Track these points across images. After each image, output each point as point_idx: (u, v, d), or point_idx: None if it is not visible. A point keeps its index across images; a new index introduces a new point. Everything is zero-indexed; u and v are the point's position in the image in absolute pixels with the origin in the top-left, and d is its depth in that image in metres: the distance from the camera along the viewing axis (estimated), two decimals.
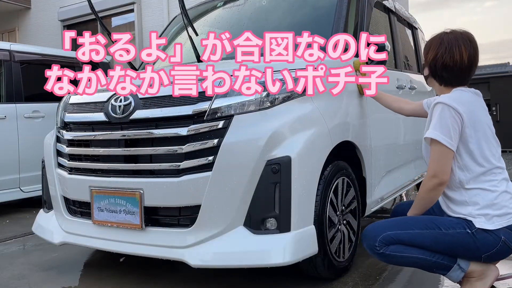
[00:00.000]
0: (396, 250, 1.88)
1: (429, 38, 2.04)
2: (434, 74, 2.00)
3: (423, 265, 1.93)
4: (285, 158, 2.03)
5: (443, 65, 1.94)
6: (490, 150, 1.89)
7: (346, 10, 2.81)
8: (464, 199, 1.88)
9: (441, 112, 1.85)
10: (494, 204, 1.84)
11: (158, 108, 2.22)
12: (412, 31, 4.36)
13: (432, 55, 1.97)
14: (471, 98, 1.93)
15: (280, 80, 2.16)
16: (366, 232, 1.96)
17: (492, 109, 10.15)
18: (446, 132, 1.83)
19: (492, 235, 1.82)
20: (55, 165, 2.68)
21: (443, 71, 1.96)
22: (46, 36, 8.97)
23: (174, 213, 2.19)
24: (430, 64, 1.99)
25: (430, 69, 2.01)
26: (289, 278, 2.43)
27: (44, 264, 2.91)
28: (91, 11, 2.99)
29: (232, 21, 3.32)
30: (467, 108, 1.86)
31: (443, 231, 1.86)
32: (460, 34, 1.96)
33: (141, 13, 7.84)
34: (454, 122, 1.83)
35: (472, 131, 1.86)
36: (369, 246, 1.93)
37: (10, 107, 4.67)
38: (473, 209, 1.85)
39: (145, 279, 2.53)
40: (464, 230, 1.84)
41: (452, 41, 1.94)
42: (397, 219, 1.99)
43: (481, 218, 1.83)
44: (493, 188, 1.86)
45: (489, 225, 1.82)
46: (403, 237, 1.88)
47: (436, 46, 1.97)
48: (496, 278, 1.95)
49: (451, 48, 1.93)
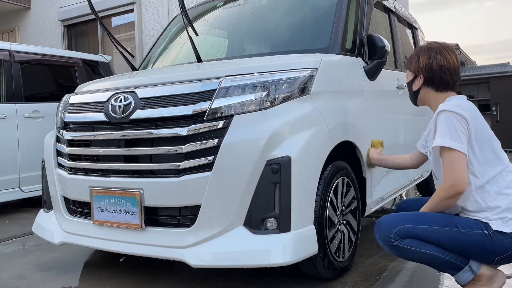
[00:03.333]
0: (410, 244, 1.86)
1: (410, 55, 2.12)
2: (431, 79, 2.02)
3: (434, 263, 1.90)
4: (285, 158, 2.03)
5: (439, 65, 1.97)
6: (496, 152, 1.89)
7: (346, 10, 2.81)
8: (480, 206, 1.86)
9: (446, 119, 1.84)
10: (511, 208, 1.83)
11: (158, 108, 2.22)
12: (412, 31, 4.36)
13: (424, 59, 2.02)
14: (468, 103, 1.94)
15: (280, 80, 2.16)
16: (381, 223, 1.93)
17: (492, 109, 10.15)
18: (455, 137, 1.81)
19: (508, 238, 1.81)
20: (55, 165, 2.68)
21: (440, 72, 1.98)
22: (46, 36, 8.97)
23: (174, 213, 2.19)
24: (424, 69, 2.02)
25: (425, 75, 2.03)
26: (289, 278, 2.43)
27: (44, 264, 2.92)
28: (91, 11, 2.99)
29: (232, 21, 3.33)
30: (470, 113, 1.86)
31: (461, 229, 1.85)
32: (441, 43, 2.05)
33: (141, 13, 7.84)
34: (461, 126, 1.82)
35: (478, 135, 1.85)
36: (383, 238, 1.89)
37: (10, 107, 4.68)
38: (490, 214, 1.84)
39: (145, 279, 2.53)
40: (482, 231, 1.83)
41: (438, 46, 2.03)
42: (415, 213, 1.95)
43: (498, 221, 1.82)
44: (508, 191, 1.85)
45: (505, 228, 1.81)
46: (419, 232, 1.85)
47: (425, 52, 2.03)
48: (502, 285, 1.94)
49: (440, 51, 2.01)
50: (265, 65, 2.27)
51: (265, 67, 2.24)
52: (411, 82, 2.12)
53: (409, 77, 2.13)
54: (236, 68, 2.25)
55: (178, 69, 2.55)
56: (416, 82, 2.08)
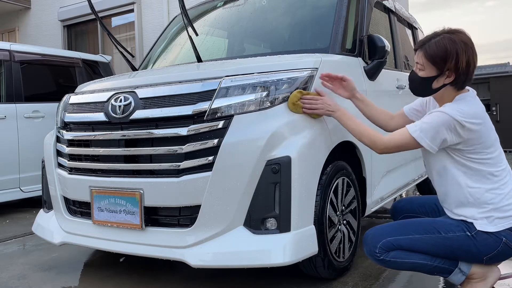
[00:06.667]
0: (396, 256, 1.88)
1: (439, 45, 1.84)
2: (462, 80, 1.84)
3: (424, 270, 1.92)
4: (285, 158, 2.03)
5: (475, 66, 1.85)
6: (496, 154, 1.87)
7: (346, 10, 2.81)
8: (468, 202, 1.85)
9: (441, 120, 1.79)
10: (500, 207, 1.82)
11: (158, 108, 2.22)
12: (412, 31, 4.36)
13: (464, 60, 1.81)
14: (476, 108, 1.84)
15: (280, 80, 2.16)
16: (366, 239, 1.96)
17: (492, 109, 10.15)
18: (430, 137, 1.81)
19: (493, 237, 1.81)
20: (55, 165, 2.68)
21: (473, 73, 1.85)
22: (46, 36, 8.98)
23: (174, 213, 2.19)
24: (461, 70, 1.82)
25: (457, 75, 1.83)
26: (289, 278, 2.43)
27: (44, 264, 2.92)
28: (91, 11, 2.99)
29: (232, 21, 3.32)
30: (477, 120, 1.80)
31: (443, 234, 1.85)
32: (465, 34, 1.87)
33: (141, 13, 7.84)
34: (447, 134, 1.79)
35: (482, 139, 1.82)
36: (370, 253, 1.92)
37: (10, 107, 4.68)
38: (476, 212, 1.84)
39: (145, 279, 2.53)
40: (464, 233, 1.83)
41: (469, 41, 1.85)
42: (396, 224, 1.98)
43: (483, 220, 1.82)
44: (499, 191, 1.84)
45: (490, 227, 1.81)
46: (403, 243, 1.87)
47: (462, 50, 1.81)
48: (498, 279, 1.94)
49: (474, 49, 1.84)
50: (265, 65, 2.27)
51: (265, 67, 2.24)
52: (431, 78, 1.87)
53: (429, 73, 1.87)
54: (236, 68, 2.25)
55: (178, 69, 2.55)
56: (440, 80, 1.86)
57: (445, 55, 1.82)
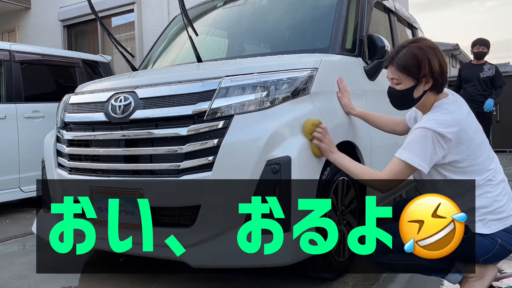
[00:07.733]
0: (393, 259, 1.87)
1: (408, 55, 1.85)
2: (439, 83, 1.86)
3: (420, 271, 1.93)
4: (285, 158, 2.03)
5: (446, 67, 1.87)
6: (485, 157, 1.86)
7: (346, 10, 2.81)
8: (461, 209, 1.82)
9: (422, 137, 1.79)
10: (492, 210, 1.82)
11: (158, 108, 2.22)
12: (412, 31, 4.36)
13: (436, 63, 1.83)
14: (456, 115, 1.84)
15: (280, 80, 2.16)
16: None
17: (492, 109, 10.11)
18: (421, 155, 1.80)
19: (488, 238, 1.81)
20: (55, 165, 2.68)
21: (446, 73, 1.87)
22: (46, 36, 8.97)
23: (174, 213, 2.19)
24: (437, 74, 1.83)
25: (434, 80, 1.85)
26: (289, 278, 2.43)
27: (44, 264, 2.91)
28: (91, 11, 2.99)
29: (232, 21, 3.33)
30: (458, 127, 1.80)
31: None
32: (426, 40, 1.92)
33: (141, 13, 7.83)
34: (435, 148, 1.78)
35: (468, 142, 1.81)
36: (367, 256, 1.91)
37: (10, 107, 4.67)
38: (471, 215, 1.82)
39: (145, 279, 2.53)
40: None
41: (434, 45, 1.88)
42: (391, 226, 1.96)
43: (478, 223, 1.82)
44: (491, 194, 1.84)
45: (485, 230, 1.81)
46: (398, 245, 1.86)
47: (432, 54, 1.83)
48: (495, 277, 1.94)
49: (440, 50, 1.87)
50: (265, 65, 2.27)
51: (265, 67, 2.24)
52: (411, 88, 1.86)
53: (406, 84, 1.87)
54: (236, 68, 2.25)
55: (178, 69, 2.55)
56: (419, 88, 1.86)
57: (417, 63, 1.83)
